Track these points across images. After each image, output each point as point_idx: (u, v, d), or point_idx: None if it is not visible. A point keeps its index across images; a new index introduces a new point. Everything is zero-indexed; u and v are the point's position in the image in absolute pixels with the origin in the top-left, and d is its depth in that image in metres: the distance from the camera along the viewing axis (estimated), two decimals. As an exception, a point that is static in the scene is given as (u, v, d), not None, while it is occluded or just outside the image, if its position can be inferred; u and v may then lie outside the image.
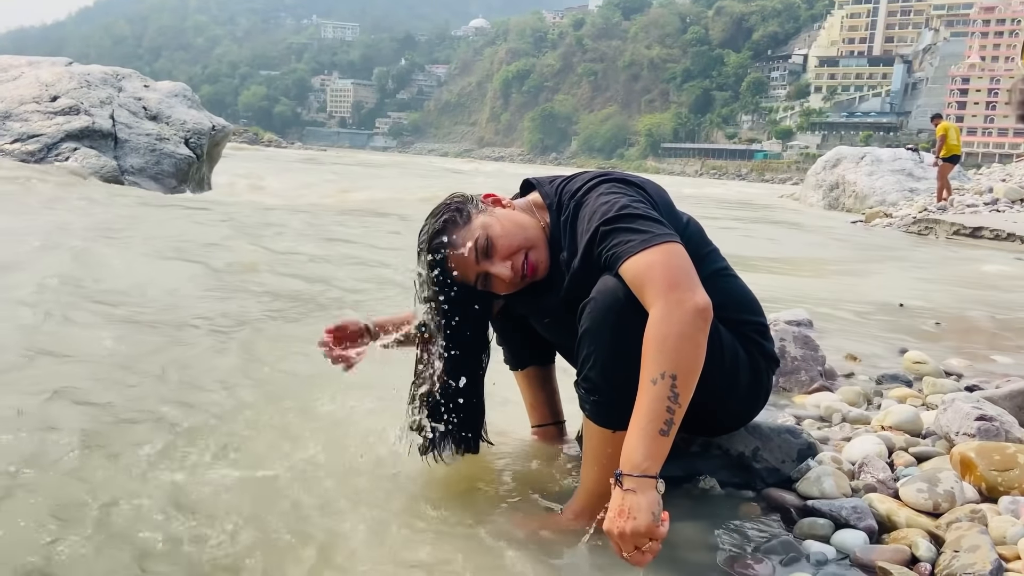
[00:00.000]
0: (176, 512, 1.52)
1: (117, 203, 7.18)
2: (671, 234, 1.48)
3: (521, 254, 1.63)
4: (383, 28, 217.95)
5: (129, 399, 2.14)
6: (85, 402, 2.08)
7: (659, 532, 1.31)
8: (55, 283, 3.45)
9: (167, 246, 4.90)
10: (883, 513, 1.66)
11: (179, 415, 2.03)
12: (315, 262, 4.96)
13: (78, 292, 3.37)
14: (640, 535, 1.30)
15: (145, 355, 2.56)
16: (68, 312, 3.02)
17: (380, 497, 1.65)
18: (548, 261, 1.67)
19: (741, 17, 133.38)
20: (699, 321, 1.37)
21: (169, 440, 1.86)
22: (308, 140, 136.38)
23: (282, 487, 1.67)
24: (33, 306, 3.05)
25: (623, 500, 1.32)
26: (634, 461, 1.34)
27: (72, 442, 1.80)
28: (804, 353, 2.74)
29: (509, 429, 2.09)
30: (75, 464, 1.70)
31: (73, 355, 2.52)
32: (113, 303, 3.23)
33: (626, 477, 1.34)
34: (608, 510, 1.35)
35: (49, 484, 1.61)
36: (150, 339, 2.77)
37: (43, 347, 2.55)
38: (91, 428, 1.90)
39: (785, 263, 7.67)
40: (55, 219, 5.68)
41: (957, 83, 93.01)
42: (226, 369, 2.50)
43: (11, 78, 10.87)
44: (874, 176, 18.26)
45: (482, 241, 1.60)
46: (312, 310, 3.52)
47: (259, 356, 2.69)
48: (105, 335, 2.74)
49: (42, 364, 2.40)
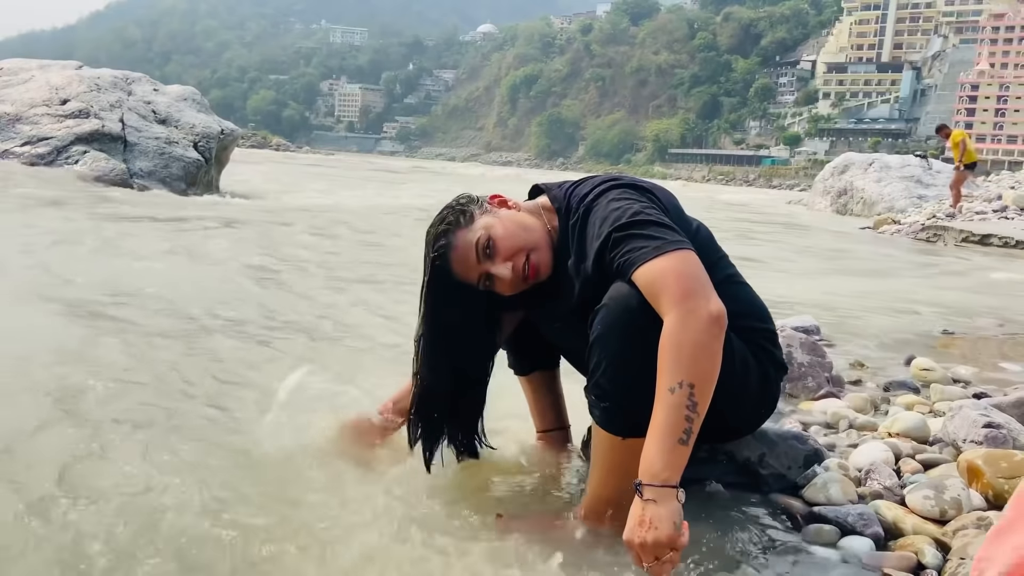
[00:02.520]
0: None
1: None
2: (684, 241, 1.48)
3: (523, 255, 1.62)
4: (391, 33, 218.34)
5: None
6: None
7: (680, 542, 1.30)
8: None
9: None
10: (889, 520, 1.65)
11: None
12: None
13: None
14: (662, 545, 1.29)
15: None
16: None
17: (383, 502, 1.65)
18: (551, 263, 1.66)
19: (749, 23, 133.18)
20: (714, 329, 1.37)
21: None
22: (316, 144, 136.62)
23: (281, 484, 1.68)
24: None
25: (644, 510, 1.31)
26: (654, 471, 1.33)
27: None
28: (811, 359, 2.74)
29: (513, 434, 2.09)
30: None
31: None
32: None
33: (646, 487, 1.32)
34: (628, 520, 1.34)
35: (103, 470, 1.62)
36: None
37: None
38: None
39: (792, 268, 7.65)
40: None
41: (966, 90, 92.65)
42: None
43: (21, 81, 10.94)
44: (882, 183, 18.22)
45: (483, 241, 1.60)
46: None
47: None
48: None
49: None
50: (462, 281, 1.64)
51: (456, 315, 1.67)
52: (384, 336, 3.19)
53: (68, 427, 1.90)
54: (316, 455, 1.82)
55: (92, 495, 1.55)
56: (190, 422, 2.03)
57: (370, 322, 3.52)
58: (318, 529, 1.52)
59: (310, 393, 2.09)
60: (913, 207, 15.96)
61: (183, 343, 2.80)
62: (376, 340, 3.16)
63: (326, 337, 3.18)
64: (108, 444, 1.80)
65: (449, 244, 1.61)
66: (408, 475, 1.76)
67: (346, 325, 3.43)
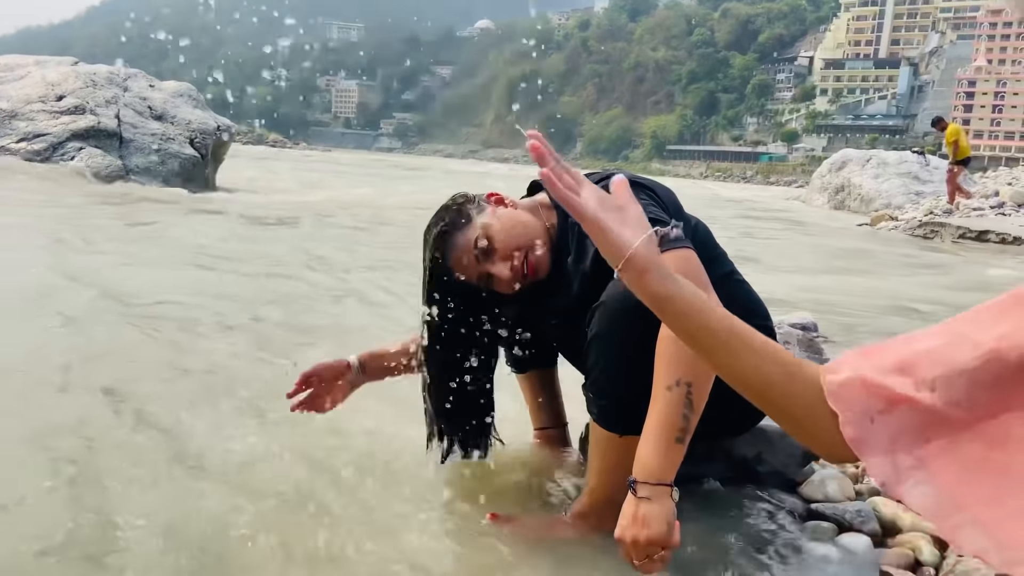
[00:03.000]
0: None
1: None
2: (683, 239, 1.48)
3: (521, 254, 1.62)
4: (388, 29, 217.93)
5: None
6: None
7: (673, 541, 1.30)
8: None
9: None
10: (887, 517, 1.65)
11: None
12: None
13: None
14: (654, 544, 1.29)
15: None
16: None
17: (381, 500, 1.64)
18: (549, 261, 1.66)
19: (747, 19, 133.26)
20: None
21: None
22: (313, 141, 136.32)
23: (281, 482, 1.67)
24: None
25: (637, 508, 1.31)
26: (649, 469, 1.33)
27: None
28: (808, 356, 2.74)
29: (511, 433, 2.08)
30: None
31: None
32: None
33: (641, 485, 1.32)
34: (621, 517, 1.33)
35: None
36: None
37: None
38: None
39: (789, 265, 7.66)
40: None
41: (963, 86, 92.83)
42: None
43: (17, 77, 10.91)
44: (880, 179, 18.23)
45: (481, 242, 1.60)
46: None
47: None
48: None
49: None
50: (461, 281, 1.64)
51: (456, 314, 1.67)
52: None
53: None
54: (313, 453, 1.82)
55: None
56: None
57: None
58: (315, 528, 1.51)
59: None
60: (910, 203, 15.96)
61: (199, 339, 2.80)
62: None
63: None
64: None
65: (447, 245, 1.61)
66: (402, 473, 1.75)
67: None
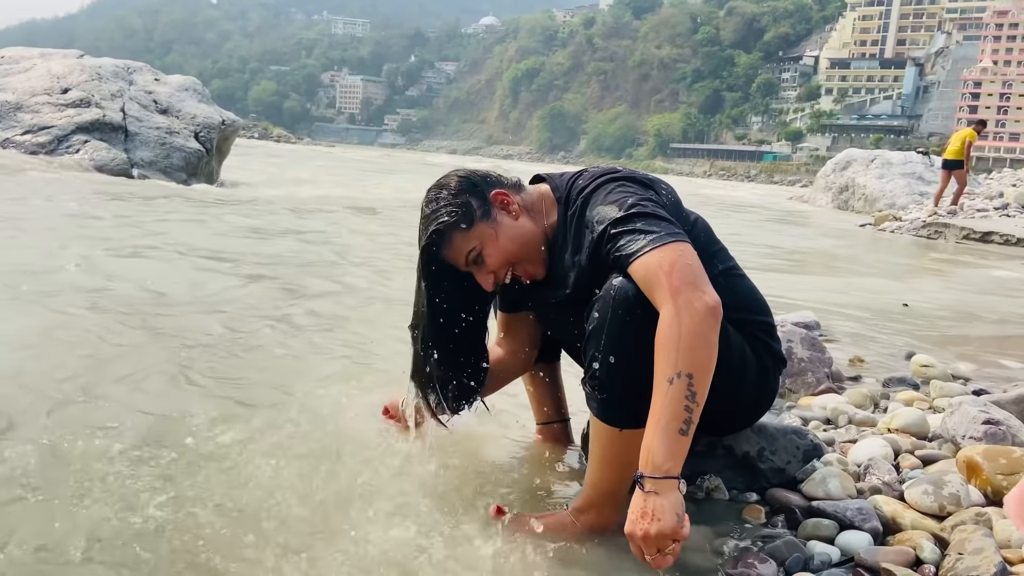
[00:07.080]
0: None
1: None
2: (680, 233, 1.48)
3: (508, 266, 1.66)
4: (393, 25, 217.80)
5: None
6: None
7: (683, 534, 1.29)
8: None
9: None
10: (888, 515, 1.65)
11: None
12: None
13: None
14: (664, 537, 1.28)
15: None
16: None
17: (381, 493, 1.65)
18: (544, 267, 1.69)
19: (752, 18, 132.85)
20: (711, 320, 1.37)
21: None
22: (317, 136, 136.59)
23: (281, 480, 1.68)
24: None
25: (645, 502, 1.31)
26: (655, 462, 1.32)
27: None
28: (811, 355, 2.74)
29: (513, 426, 2.09)
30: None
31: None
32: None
33: (647, 479, 1.32)
34: (630, 512, 1.33)
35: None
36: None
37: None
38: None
39: (792, 264, 7.65)
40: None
41: (969, 87, 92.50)
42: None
43: (23, 70, 10.93)
44: (884, 179, 18.20)
45: (473, 255, 1.63)
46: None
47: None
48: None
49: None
50: (451, 264, 1.66)
51: (448, 291, 1.68)
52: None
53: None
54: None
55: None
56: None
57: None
58: (315, 526, 1.52)
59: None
60: (914, 204, 15.93)
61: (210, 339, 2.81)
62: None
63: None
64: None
65: (443, 237, 1.62)
66: (403, 468, 1.76)
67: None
